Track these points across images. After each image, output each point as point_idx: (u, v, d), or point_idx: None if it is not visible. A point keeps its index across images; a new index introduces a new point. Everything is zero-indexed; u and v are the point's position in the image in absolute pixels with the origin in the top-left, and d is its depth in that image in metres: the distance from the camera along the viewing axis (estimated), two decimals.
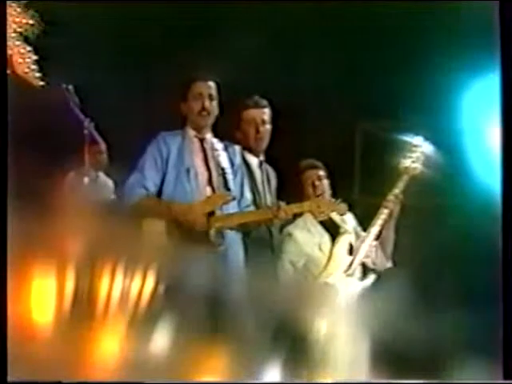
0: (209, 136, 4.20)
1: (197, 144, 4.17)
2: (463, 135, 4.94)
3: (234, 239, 4.07)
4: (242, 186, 4.20)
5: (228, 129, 4.38)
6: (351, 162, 5.77)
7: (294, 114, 5.16)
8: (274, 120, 4.44)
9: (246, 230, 4.11)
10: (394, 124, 4.95)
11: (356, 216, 4.53)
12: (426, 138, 4.42)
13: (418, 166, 4.40)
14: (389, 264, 4.49)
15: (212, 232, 3.97)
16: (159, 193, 4.07)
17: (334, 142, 5.18)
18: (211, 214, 3.99)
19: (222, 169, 4.13)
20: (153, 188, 4.05)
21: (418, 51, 4.93)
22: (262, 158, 4.44)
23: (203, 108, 4.12)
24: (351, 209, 4.36)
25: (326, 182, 4.48)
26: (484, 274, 4.32)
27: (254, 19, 5.01)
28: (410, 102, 4.95)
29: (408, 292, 3.96)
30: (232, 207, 4.07)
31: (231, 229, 4.05)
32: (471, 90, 4.83)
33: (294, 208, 4.10)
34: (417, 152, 4.41)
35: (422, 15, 4.87)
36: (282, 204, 4.07)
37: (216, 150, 4.16)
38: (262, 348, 3.83)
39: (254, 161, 4.41)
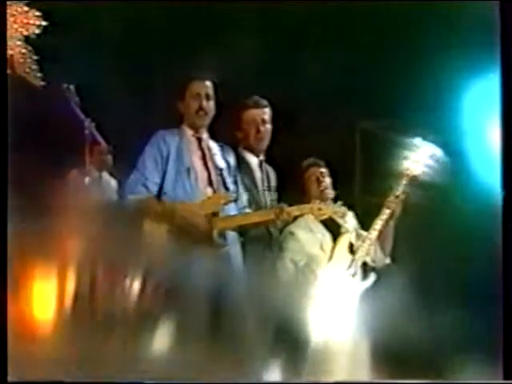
0: (205, 136, 4.20)
1: (195, 143, 4.17)
2: (463, 135, 4.93)
3: (235, 239, 4.08)
4: (237, 187, 4.20)
5: (229, 129, 4.39)
6: (352, 162, 5.76)
7: (294, 113, 5.16)
8: (275, 120, 4.44)
9: (245, 230, 4.11)
10: (394, 123, 4.95)
11: (357, 215, 4.53)
12: (426, 138, 4.42)
13: (418, 165, 4.39)
14: (387, 260, 4.49)
15: (215, 233, 3.98)
16: (159, 192, 4.07)
17: (335, 141, 5.17)
18: (213, 214, 4.00)
19: (220, 169, 4.14)
20: (153, 187, 4.04)
21: (418, 51, 4.92)
22: (262, 157, 4.44)
23: (200, 108, 4.13)
24: (352, 208, 4.37)
25: (328, 179, 4.48)
26: (484, 274, 4.32)
27: (254, 19, 5.01)
28: (410, 102, 4.94)
29: (408, 292, 3.97)
30: (230, 209, 4.07)
31: (233, 230, 4.06)
32: (471, 90, 4.82)
33: (296, 210, 4.10)
34: (417, 151, 4.41)
35: (423, 15, 4.86)
36: (284, 206, 4.07)
37: (213, 150, 4.17)
38: (262, 348, 3.83)
39: (253, 160, 4.41)
